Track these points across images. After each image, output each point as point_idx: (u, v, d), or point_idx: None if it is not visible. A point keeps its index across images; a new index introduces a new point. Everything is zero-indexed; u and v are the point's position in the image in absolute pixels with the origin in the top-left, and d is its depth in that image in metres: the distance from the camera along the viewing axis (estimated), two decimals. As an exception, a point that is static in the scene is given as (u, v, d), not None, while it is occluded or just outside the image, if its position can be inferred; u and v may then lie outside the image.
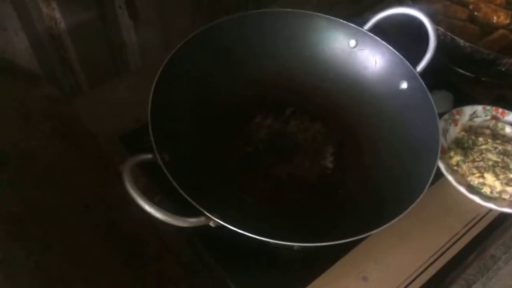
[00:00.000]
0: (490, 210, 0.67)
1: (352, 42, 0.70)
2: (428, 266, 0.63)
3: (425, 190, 0.54)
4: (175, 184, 0.51)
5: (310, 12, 0.70)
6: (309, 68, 0.73)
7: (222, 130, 0.67)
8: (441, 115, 0.74)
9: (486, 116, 0.75)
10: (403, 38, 0.80)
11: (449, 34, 0.74)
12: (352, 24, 0.69)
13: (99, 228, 0.68)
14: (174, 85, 0.62)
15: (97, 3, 0.75)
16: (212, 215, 0.50)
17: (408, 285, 0.61)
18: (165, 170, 0.52)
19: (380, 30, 0.69)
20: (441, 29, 0.74)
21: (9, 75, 0.84)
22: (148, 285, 0.66)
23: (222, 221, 0.50)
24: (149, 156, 0.54)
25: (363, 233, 0.51)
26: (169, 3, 0.84)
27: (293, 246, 0.60)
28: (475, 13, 0.87)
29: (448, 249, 0.65)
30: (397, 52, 0.66)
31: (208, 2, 0.89)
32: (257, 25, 0.69)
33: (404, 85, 0.66)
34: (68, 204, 0.67)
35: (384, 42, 0.67)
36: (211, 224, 0.51)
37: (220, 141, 0.66)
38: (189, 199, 0.50)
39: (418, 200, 0.53)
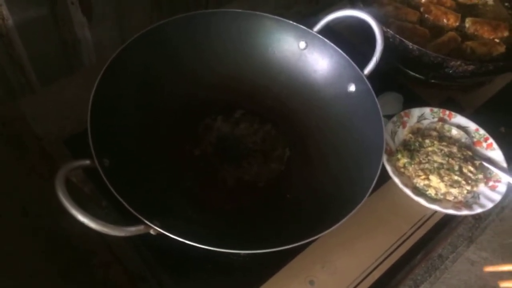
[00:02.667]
0: (435, 212, 0.67)
1: (302, 44, 0.70)
2: (376, 268, 0.63)
3: (367, 194, 0.54)
4: (113, 191, 0.49)
5: (260, 13, 0.69)
6: (259, 70, 0.72)
7: (169, 133, 0.66)
8: (391, 117, 0.74)
9: (433, 118, 0.76)
10: (357, 40, 0.80)
11: (397, 36, 0.74)
12: (301, 26, 0.68)
13: (38, 236, 0.66)
14: (118, 86, 0.60)
15: (48, -1, 0.72)
16: (152, 223, 0.48)
17: (355, 287, 0.61)
18: (104, 176, 0.50)
19: (335, 33, 0.69)
20: (390, 31, 0.75)
21: None
22: (93, 293, 0.64)
23: (163, 229, 0.49)
24: (87, 162, 0.52)
25: (308, 238, 0.51)
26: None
27: (239, 252, 0.59)
28: (426, 15, 0.88)
29: (395, 250, 0.65)
30: (344, 54, 0.66)
31: (167, -1, 0.87)
32: (206, 25, 0.68)
33: (352, 88, 0.66)
34: (4, 210, 0.64)
35: (332, 44, 0.67)
36: (152, 232, 0.49)
37: (166, 144, 0.65)
38: (128, 207, 0.49)
39: (361, 203, 0.53)
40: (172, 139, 0.66)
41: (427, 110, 0.76)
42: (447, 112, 0.76)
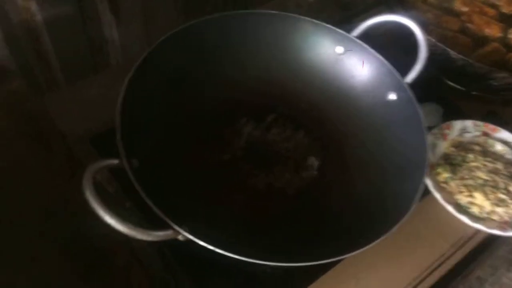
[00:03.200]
0: (478, 231, 0.63)
1: (339, 49, 0.67)
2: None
3: (412, 209, 0.50)
4: (142, 193, 0.47)
5: (296, 16, 0.66)
6: (293, 74, 0.69)
7: (199, 135, 0.63)
8: (429, 129, 0.71)
9: (476, 131, 0.72)
10: (392, 48, 0.77)
11: (440, 44, 0.71)
12: (339, 30, 0.66)
13: (60, 236, 0.64)
14: (148, 85, 0.58)
15: (76, -4, 0.71)
16: (181, 229, 0.46)
17: (391, 307, 0.58)
18: (132, 177, 0.48)
19: (368, 39, 0.66)
20: (432, 39, 0.71)
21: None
22: (112, 298, 0.62)
23: (192, 235, 0.46)
24: (115, 161, 0.49)
25: (344, 254, 0.48)
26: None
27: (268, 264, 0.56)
28: (467, 24, 0.84)
29: (433, 270, 0.61)
30: (386, 61, 0.63)
31: (195, -1, 0.85)
32: (241, 26, 0.66)
33: (392, 97, 0.63)
34: (26, 210, 0.62)
35: (372, 50, 0.64)
36: (180, 238, 0.47)
37: (196, 147, 0.62)
38: (156, 210, 0.46)
39: (403, 219, 0.49)
40: (201, 142, 0.63)
41: (469, 123, 0.72)
42: (491, 126, 0.72)
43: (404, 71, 0.63)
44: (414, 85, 0.62)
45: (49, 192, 0.68)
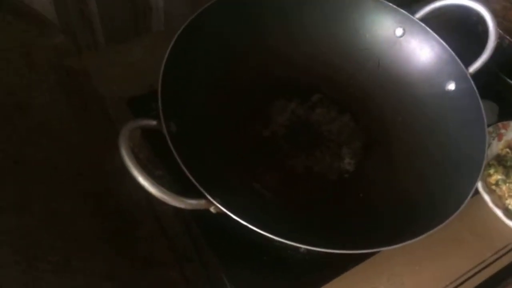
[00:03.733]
0: (526, 241, 0.59)
1: (399, 31, 0.62)
2: (448, 292, 0.56)
3: (462, 207, 0.46)
4: (178, 158, 0.45)
5: (357, -9, 0.62)
6: (346, 53, 0.65)
7: (239, 108, 0.60)
8: (485, 127, 0.66)
9: (535, 134, 0.66)
10: (455, 35, 0.72)
11: (508, 38, 0.66)
12: (402, 10, 0.61)
13: (90, 197, 0.63)
14: (192, 50, 0.56)
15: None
16: (215, 200, 0.43)
17: (423, 309, 0.54)
18: (169, 141, 0.46)
19: (429, 24, 0.61)
20: (500, 31, 0.66)
21: (23, 19, 0.78)
22: (135, 266, 0.61)
23: (225, 207, 0.43)
24: (154, 122, 0.47)
25: (382, 247, 0.44)
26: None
27: (300, 248, 0.53)
28: (537, 20, 0.78)
29: (471, 276, 0.57)
30: (448, 47, 0.58)
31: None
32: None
33: (451, 86, 0.58)
34: (59, 166, 0.61)
35: (435, 35, 0.59)
36: (212, 209, 0.44)
37: (236, 119, 0.60)
38: (191, 178, 0.44)
39: (452, 217, 0.46)
40: (242, 114, 0.60)
41: (528, 125, 0.67)
42: (551, 131, 0.67)
43: (465, 61, 0.58)
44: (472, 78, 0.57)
45: (83, 150, 0.67)
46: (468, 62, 0.58)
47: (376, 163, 0.61)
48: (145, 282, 0.59)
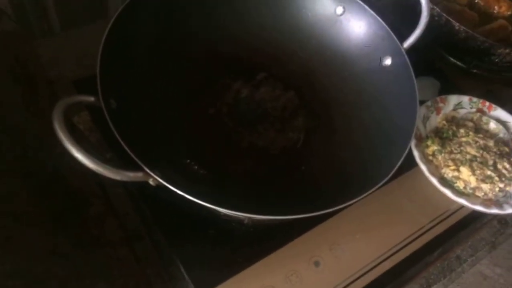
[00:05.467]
0: (461, 207, 0.62)
1: (339, 9, 0.64)
2: (387, 258, 0.58)
3: (392, 171, 0.49)
4: (115, 132, 0.45)
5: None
6: (289, 32, 0.66)
7: (184, 84, 0.61)
8: (424, 102, 0.69)
9: (471, 108, 0.70)
10: (396, 14, 0.74)
11: (444, 15, 0.68)
12: (341, -11, 0.63)
13: (34, 178, 0.62)
14: (136, 24, 0.56)
15: None
16: (153, 172, 0.44)
17: (362, 275, 0.57)
18: (107, 116, 0.46)
19: (372, 4, 0.63)
20: (437, 9, 0.69)
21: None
22: (83, 244, 0.61)
23: (163, 179, 0.44)
24: (92, 98, 0.48)
25: (318, 211, 0.46)
26: None
27: (243, 219, 0.54)
28: (476, 0, 0.81)
29: (410, 242, 0.60)
30: (384, 24, 0.60)
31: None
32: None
33: (387, 61, 0.60)
34: (1, 148, 0.61)
35: (372, 12, 0.61)
36: (151, 182, 0.45)
37: (180, 96, 0.60)
38: (128, 150, 0.44)
39: (382, 181, 0.48)
40: (186, 91, 0.61)
41: (465, 99, 0.70)
42: (487, 103, 0.70)
43: (404, 39, 0.60)
44: (413, 57, 0.59)
45: (30, 133, 0.67)
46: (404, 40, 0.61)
47: (318, 137, 0.62)
48: (94, 261, 0.59)
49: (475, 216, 0.63)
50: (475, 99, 0.70)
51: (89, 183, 0.65)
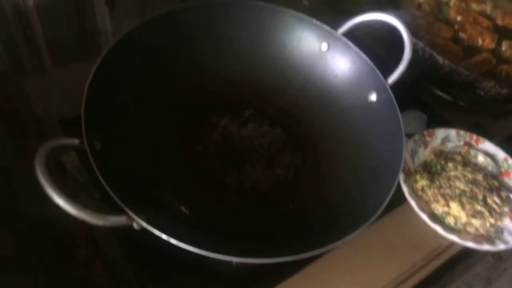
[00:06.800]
0: (453, 243, 0.61)
1: (324, 46, 0.65)
2: (379, 299, 0.57)
3: (381, 208, 0.48)
4: (99, 175, 0.45)
5: (282, 8, 0.64)
6: (275, 69, 0.67)
7: (170, 124, 0.61)
8: (412, 136, 0.69)
9: (459, 141, 0.69)
10: (381, 50, 0.75)
11: (428, 49, 0.69)
12: (325, 26, 0.64)
13: (19, 220, 0.61)
14: (123, 66, 0.56)
15: (72, -17, 0.69)
16: (138, 216, 0.43)
17: (356, 317, 0.55)
18: (91, 159, 0.46)
19: (358, 40, 0.64)
20: (420, 43, 0.70)
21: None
22: (70, 291, 0.59)
23: (148, 223, 0.43)
24: (76, 141, 0.47)
25: (307, 252, 0.45)
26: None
27: (231, 262, 0.53)
28: (460, 33, 0.82)
29: (403, 281, 0.59)
30: (368, 60, 0.61)
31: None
32: (224, 15, 0.64)
33: (373, 97, 0.61)
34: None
35: (356, 49, 0.62)
36: (135, 226, 0.44)
37: (166, 135, 0.60)
38: (112, 194, 0.44)
39: (372, 219, 0.47)
40: (173, 131, 0.61)
41: (452, 132, 0.70)
42: (475, 136, 0.70)
43: (389, 75, 0.61)
44: (398, 91, 0.59)
45: (17, 173, 0.66)
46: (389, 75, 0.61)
47: (306, 174, 0.62)
48: (79, 306, 0.58)
49: (468, 252, 0.62)
50: (462, 132, 0.70)
51: (76, 225, 0.63)
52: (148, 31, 0.58)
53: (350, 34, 0.64)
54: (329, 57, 0.65)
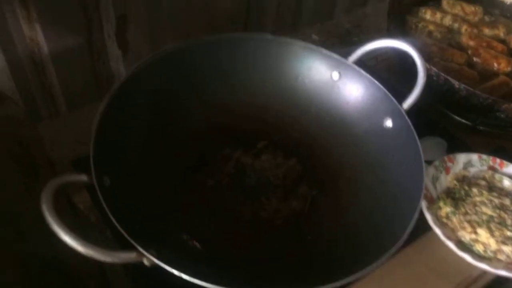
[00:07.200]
0: (484, 271, 0.57)
1: (335, 75, 0.64)
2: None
3: (407, 233, 0.46)
4: (107, 211, 0.44)
5: (290, 40, 0.64)
6: (287, 100, 0.66)
7: (182, 159, 0.60)
8: (431, 162, 0.66)
9: (482, 166, 0.67)
10: (393, 76, 0.74)
11: (442, 74, 0.68)
12: (335, 55, 0.63)
13: (31, 263, 0.60)
14: (131, 103, 0.56)
15: (85, 30, 0.71)
16: (148, 252, 0.42)
17: None
18: (100, 195, 0.45)
19: (370, 70, 0.63)
20: (434, 69, 0.68)
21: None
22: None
23: (159, 260, 0.42)
24: (85, 177, 0.47)
25: (327, 284, 0.42)
26: (162, 35, 0.80)
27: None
28: (474, 58, 0.81)
29: (434, 315, 0.55)
30: (382, 86, 0.60)
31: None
32: (233, 50, 0.64)
33: (388, 123, 0.59)
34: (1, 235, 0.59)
35: (368, 75, 0.61)
36: (146, 262, 0.42)
37: (178, 170, 0.59)
38: (121, 229, 0.43)
39: (395, 247, 0.45)
40: (185, 165, 0.60)
41: (474, 157, 0.67)
42: (498, 160, 0.67)
43: (404, 99, 0.59)
44: (415, 117, 0.58)
45: (28, 217, 0.65)
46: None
47: (323, 204, 0.60)
48: None
49: (500, 281, 0.58)
50: (484, 157, 0.67)
51: (85, 263, 0.62)
52: (155, 69, 0.59)
53: (361, 64, 0.63)
54: (341, 85, 0.64)
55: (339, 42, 1.00)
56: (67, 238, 0.40)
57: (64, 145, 0.70)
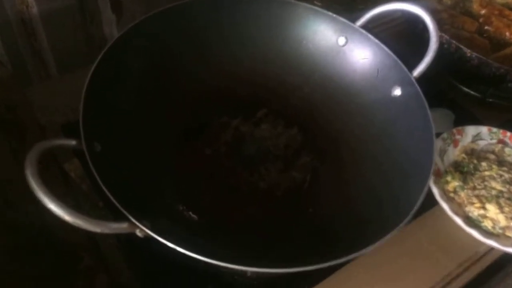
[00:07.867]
0: (491, 248, 0.55)
1: (342, 40, 0.60)
2: (411, 312, 0.51)
3: (412, 212, 0.43)
4: (97, 178, 0.41)
5: (295, 1, 0.60)
6: (289, 66, 0.63)
7: (178, 125, 0.57)
8: (439, 135, 0.63)
9: (491, 139, 0.64)
10: (402, 42, 0.71)
11: (454, 42, 0.64)
12: (342, 18, 0.59)
13: (19, 232, 0.58)
14: (125, 62, 0.53)
15: (76, -10, 0.67)
16: (141, 223, 0.39)
17: (385, 332, 0.50)
18: (89, 161, 0.42)
19: (376, 33, 0.60)
20: (446, 36, 0.65)
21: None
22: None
23: (153, 231, 0.39)
24: (73, 142, 0.43)
25: (329, 261, 0.40)
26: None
27: (245, 272, 0.48)
28: (486, 27, 0.77)
29: (438, 291, 0.53)
30: (391, 53, 0.56)
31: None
32: (236, 10, 0.60)
33: (397, 92, 0.56)
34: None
35: (377, 41, 0.57)
36: (138, 233, 0.40)
37: (174, 137, 0.56)
38: (112, 197, 0.39)
39: (402, 223, 0.42)
40: (181, 131, 0.57)
41: (484, 130, 0.64)
42: (508, 134, 0.64)
43: (412, 67, 0.56)
44: (422, 87, 0.54)
45: (16, 183, 0.62)
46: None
47: (325, 176, 0.57)
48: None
49: (508, 259, 0.56)
50: (494, 129, 0.64)
51: (78, 235, 0.60)
52: (150, 27, 0.55)
53: (368, 30, 0.60)
54: (348, 51, 0.60)
55: (344, 10, 0.96)
56: (52, 206, 0.36)
57: (55, 110, 0.67)
